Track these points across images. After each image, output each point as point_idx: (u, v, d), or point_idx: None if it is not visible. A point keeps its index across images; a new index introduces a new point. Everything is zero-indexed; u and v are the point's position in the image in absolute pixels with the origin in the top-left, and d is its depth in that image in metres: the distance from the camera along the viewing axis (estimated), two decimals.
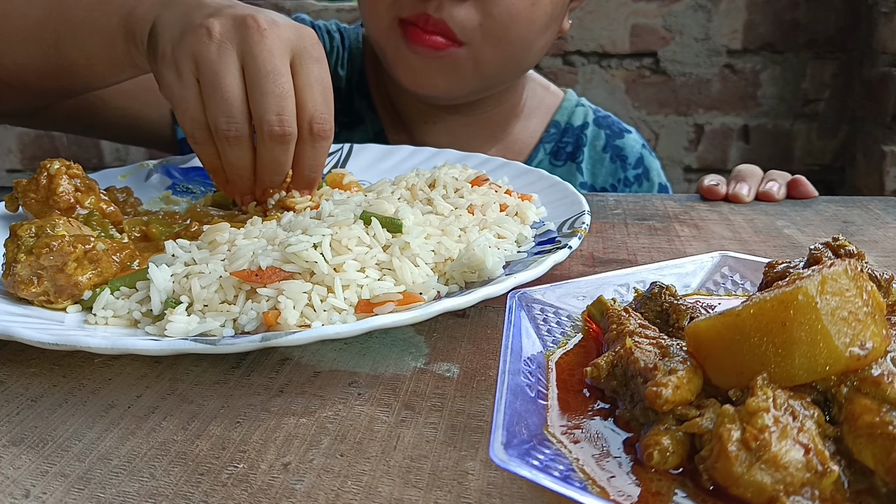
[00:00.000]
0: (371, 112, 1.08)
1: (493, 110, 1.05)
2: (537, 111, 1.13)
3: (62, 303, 0.53)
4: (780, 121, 2.25)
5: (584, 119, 1.13)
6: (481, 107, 1.03)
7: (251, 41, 0.61)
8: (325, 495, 0.34)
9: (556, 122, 1.12)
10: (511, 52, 0.90)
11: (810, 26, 2.15)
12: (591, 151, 1.12)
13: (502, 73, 0.94)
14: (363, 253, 0.52)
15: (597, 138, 1.12)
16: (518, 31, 0.87)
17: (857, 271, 0.32)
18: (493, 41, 0.87)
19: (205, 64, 0.61)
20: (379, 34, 0.91)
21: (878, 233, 0.75)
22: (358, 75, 1.09)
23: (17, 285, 0.52)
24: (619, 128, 1.15)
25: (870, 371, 0.31)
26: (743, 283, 0.49)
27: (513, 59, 0.92)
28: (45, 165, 0.66)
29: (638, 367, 0.34)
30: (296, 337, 0.43)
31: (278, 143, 0.63)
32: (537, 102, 1.13)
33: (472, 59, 0.88)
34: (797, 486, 0.28)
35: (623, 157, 1.12)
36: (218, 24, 0.61)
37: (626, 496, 0.29)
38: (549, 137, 1.11)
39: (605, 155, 1.12)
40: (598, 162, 1.12)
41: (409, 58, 0.88)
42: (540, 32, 0.91)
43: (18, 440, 0.39)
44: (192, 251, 0.54)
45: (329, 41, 1.10)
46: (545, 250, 0.57)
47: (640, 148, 1.14)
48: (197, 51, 0.61)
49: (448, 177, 0.68)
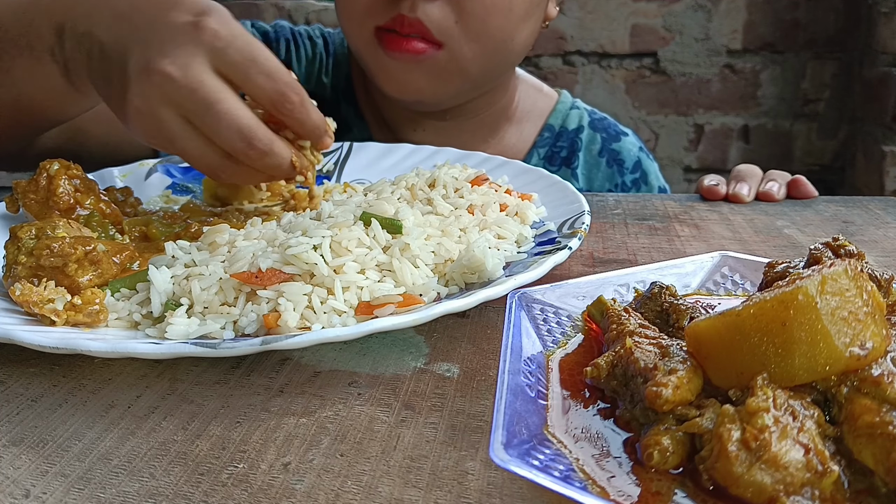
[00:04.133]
0: (359, 119, 1.06)
1: (484, 113, 1.03)
2: (530, 115, 1.10)
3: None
4: (780, 121, 2.26)
5: (579, 122, 1.11)
6: (471, 110, 1.01)
7: (216, 48, 0.57)
8: (325, 495, 0.34)
9: (549, 125, 1.10)
10: (492, 45, 0.87)
11: (810, 26, 2.15)
12: (587, 156, 1.10)
13: (487, 70, 0.91)
14: (363, 254, 0.52)
15: (592, 142, 1.10)
16: (496, 23, 0.85)
17: (857, 271, 0.32)
18: (472, 36, 0.85)
19: (189, 104, 0.56)
20: (359, 45, 0.90)
21: (878, 233, 0.75)
22: (344, 81, 1.07)
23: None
24: (616, 130, 1.12)
25: (870, 371, 0.31)
26: (743, 283, 0.49)
27: (496, 54, 0.89)
28: (44, 166, 0.66)
29: (638, 367, 0.34)
30: (296, 340, 0.43)
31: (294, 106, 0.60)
32: (530, 105, 1.10)
33: (454, 60, 0.86)
34: (797, 486, 0.28)
35: (620, 162, 1.09)
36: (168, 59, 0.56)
37: (626, 496, 0.29)
38: (543, 142, 1.09)
39: (601, 159, 1.10)
40: (595, 167, 1.09)
41: (390, 66, 0.87)
42: (520, 21, 0.87)
43: (18, 440, 0.39)
44: (191, 253, 0.54)
45: (311, 48, 1.07)
46: (545, 251, 0.57)
47: (637, 151, 1.11)
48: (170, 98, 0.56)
49: (448, 176, 0.68)
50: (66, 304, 0.49)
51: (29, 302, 0.49)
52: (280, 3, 2.33)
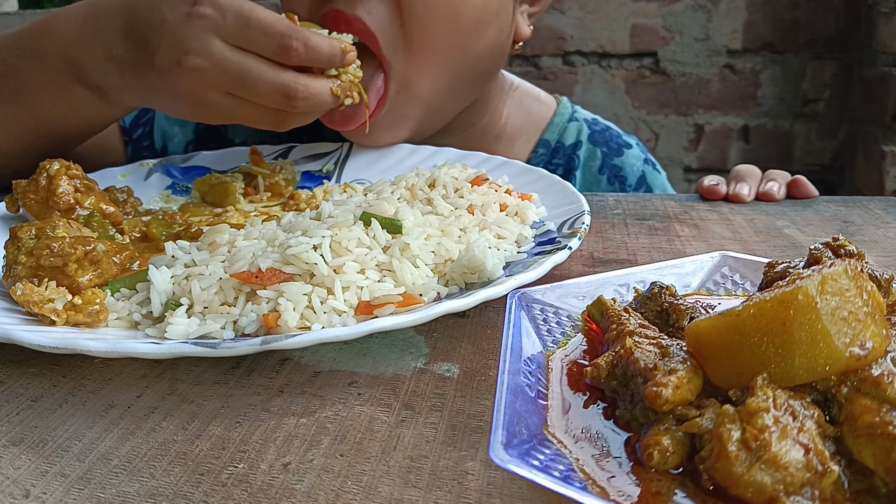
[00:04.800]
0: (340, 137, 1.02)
1: (463, 133, 0.95)
2: (523, 130, 1.03)
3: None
4: (780, 121, 2.26)
5: (577, 137, 1.03)
6: (448, 131, 0.93)
7: (217, 26, 0.64)
8: (325, 495, 0.34)
9: (545, 141, 1.03)
10: (441, 59, 0.80)
11: (810, 26, 2.15)
12: (586, 173, 1.03)
13: (443, 91, 0.84)
14: (363, 254, 0.52)
15: (592, 158, 1.03)
16: (442, 32, 0.78)
17: (857, 271, 0.32)
18: (417, 48, 0.78)
19: (224, 82, 0.64)
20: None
21: (878, 233, 0.75)
22: None
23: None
24: (618, 143, 1.05)
25: (870, 371, 0.31)
26: (743, 283, 0.49)
27: (448, 71, 0.82)
28: (44, 166, 0.66)
29: (638, 367, 0.34)
30: (296, 340, 0.43)
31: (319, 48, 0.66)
32: (522, 121, 1.03)
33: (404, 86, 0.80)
34: (797, 486, 0.28)
35: (622, 178, 1.02)
36: (190, 54, 0.64)
37: (626, 496, 0.29)
38: (538, 159, 1.02)
39: (601, 176, 1.02)
40: (594, 185, 1.03)
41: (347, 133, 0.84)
42: (471, 32, 0.80)
43: (18, 440, 0.39)
44: (191, 253, 0.54)
45: None
46: (545, 251, 0.57)
47: (641, 165, 1.04)
48: (207, 83, 0.64)
49: (448, 177, 0.68)
50: (66, 304, 0.49)
51: (30, 302, 0.49)
52: (279, 2, 2.32)
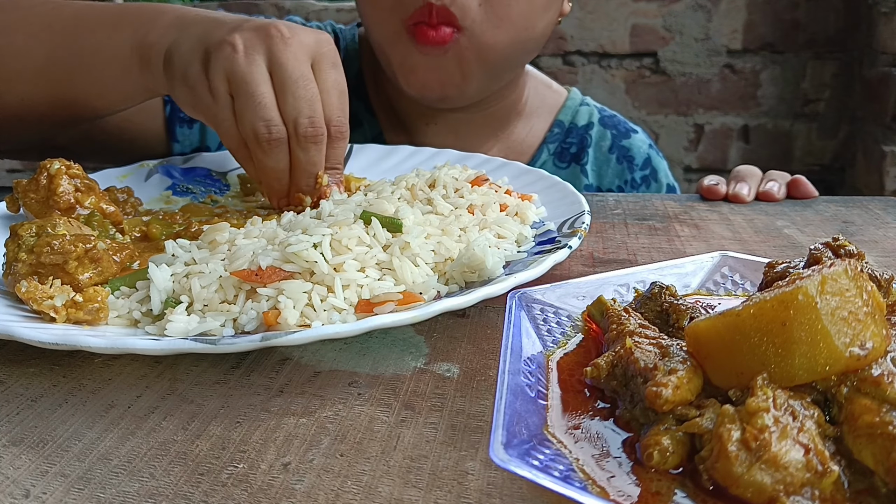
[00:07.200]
0: (369, 115, 1.06)
1: (496, 105, 1.04)
2: (540, 110, 1.11)
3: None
4: (780, 121, 2.26)
5: (589, 119, 1.11)
6: (482, 103, 1.01)
7: (277, 49, 0.64)
8: (325, 495, 0.34)
9: (559, 121, 1.11)
10: (514, 33, 0.88)
11: (810, 26, 2.16)
12: (597, 152, 1.10)
13: (508, 59, 0.92)
14: (363, 253, 0.52)
15: (602, 139, 1.10)
16: (519, 9, 0.87)
17: (857, 271, 0.32)
18: (495, 21, 0.86)
19: (237, 77, 0.63)
20: (384, 41, 0.90)
21: (878, 233, 0.75)
22: (355, 78, 1.07)
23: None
24: (626, 128, 1.13)
25: (870, 371, 0.31)
26: (743, 283, 0.49)
27: (516, 42, 0.90)
28: (45, 166, 0.66)
29: (638, 367, 0.34)
30: (296, 337, 0.43)
31: (312, 144, 0.66)
32: (539, 101, 1.11)
33: (475, 47, 0.87)
34: (797, 486, 0.28)
35: (630, 158, 1.09)
36: (241, 37, 0.64)
37: (626, 496, 0.29)
38: (553, 137, 1.10)
39: (611, 156, 1.10)
40: (605, 163, 1.09)
41: (417, 61, 0.88)
42: (542, 10, 0.90)
43: (18, 440, 0.39)
44: (192, 251, 0.54)
45: None
46: (545, 250, 0.57)
47: (647, 148, 1.11)
48: (228, 67, 0.64)
49: (448, 177, 0.68)
50: (66, 301, 0.49)
51: (33, 299, 0.49)
52: (280, 2, 2.33)
